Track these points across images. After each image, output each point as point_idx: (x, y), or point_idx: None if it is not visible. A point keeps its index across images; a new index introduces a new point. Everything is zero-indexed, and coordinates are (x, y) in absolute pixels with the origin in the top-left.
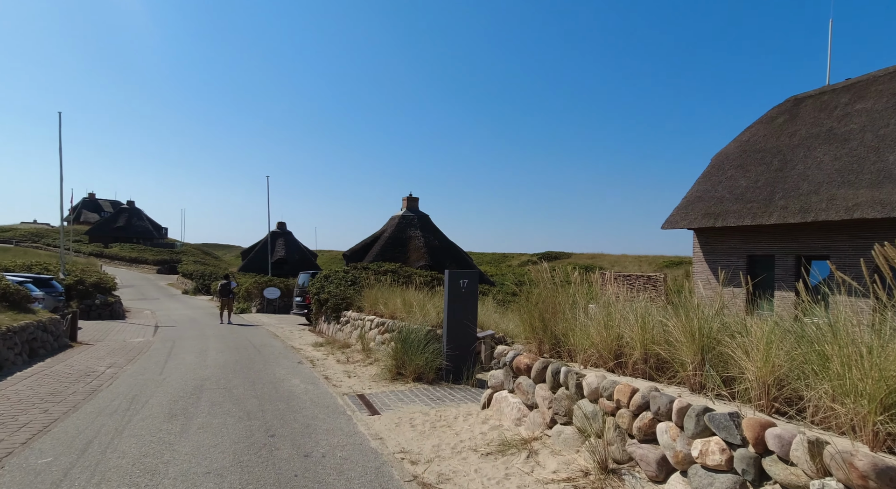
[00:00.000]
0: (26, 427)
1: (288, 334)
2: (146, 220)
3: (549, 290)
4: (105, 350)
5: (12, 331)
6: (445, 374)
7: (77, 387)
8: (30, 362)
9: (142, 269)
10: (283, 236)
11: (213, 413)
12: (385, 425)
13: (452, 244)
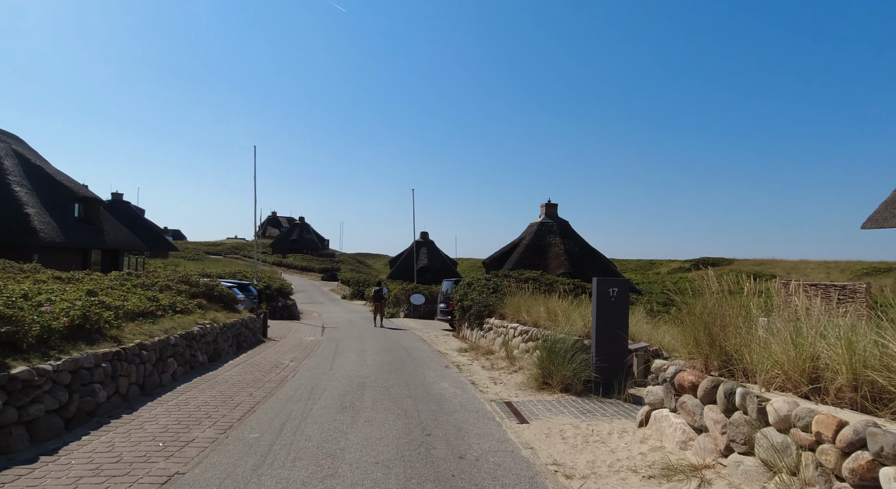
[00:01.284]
0: (239, 406)
1: (433, 339)
2: (313, 234)
3: (717, 301)
4: (287, 346)
5: (227, 327)
6: (595, 387)
7: (270, 376)
8: (237, 353)
9: (310, 276)
10: (425, 245)
11: (375, 408)
12: (535, 435)
13: (594, 251)
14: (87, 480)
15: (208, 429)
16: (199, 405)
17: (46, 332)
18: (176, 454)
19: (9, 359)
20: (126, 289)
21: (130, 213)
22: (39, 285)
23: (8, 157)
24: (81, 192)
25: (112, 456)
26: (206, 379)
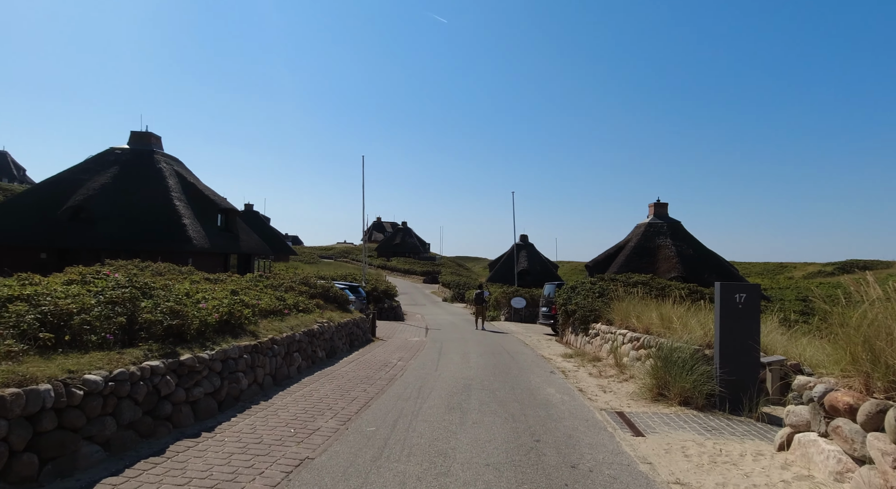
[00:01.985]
0: (355, 400)
1: (536, 343)
2: (415, 238)
3: (883, 310)
4: (394, 346)
5: (341, 326)
6: (720, 402)
7: (381, 373)
8: (350, 350)
9: (411, 279)
10: (525, 248)
11: (482, 411)
12: (652, 449)
13: (711, 253)
14: (237, 456)
15: (330, 419)
16: (321, 397)
17: (203, 326)
18: (305, 440)
19: (178, 348)
20: (259, 289)
21: (259, 221)
22: (195, 285)
23: (171, 176)
24: (223, 204)
25: (255, 437)
26: (325, 373)
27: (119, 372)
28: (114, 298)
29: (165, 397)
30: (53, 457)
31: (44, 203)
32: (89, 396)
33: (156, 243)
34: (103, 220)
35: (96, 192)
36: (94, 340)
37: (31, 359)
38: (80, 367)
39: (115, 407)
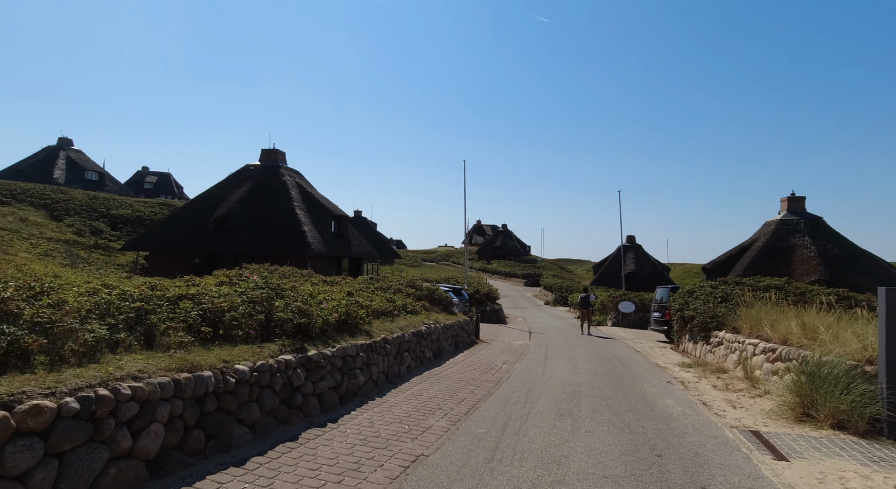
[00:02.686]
0: (464, 402)
1: (648, 350)
2: (515, 240)
3: None
4: (498, 349)
5: (446, 328)
6: (888, 429)
7: (486, 376)
8: (455, 352)
9: (512, 282)
10: (633, 250)
11: (595, 419)
12: (801, 477)
13: (865, 253)
14: (358, 448)
15: (441, 419)
16: (430, 397)
17: (325, 325)
18: (419, 437)
19: (305, 345)
20: (371, 291)
21: (367, 226)
22: (316, 287)
23: (293, 188)
24: (336, 212)
25: (373, 431)
26: (433, 374)
27: (261, 363)
28: (254, 298)
29: (297, 389)
30: (215, 434)
31: (196, 215)
32: (239, 384)
33: (281, 248)
34: (240, 229)
35: (235, 204)
36: (241, 335)
37: (195, 349)
38: (231, 358)
39: (259, 395)
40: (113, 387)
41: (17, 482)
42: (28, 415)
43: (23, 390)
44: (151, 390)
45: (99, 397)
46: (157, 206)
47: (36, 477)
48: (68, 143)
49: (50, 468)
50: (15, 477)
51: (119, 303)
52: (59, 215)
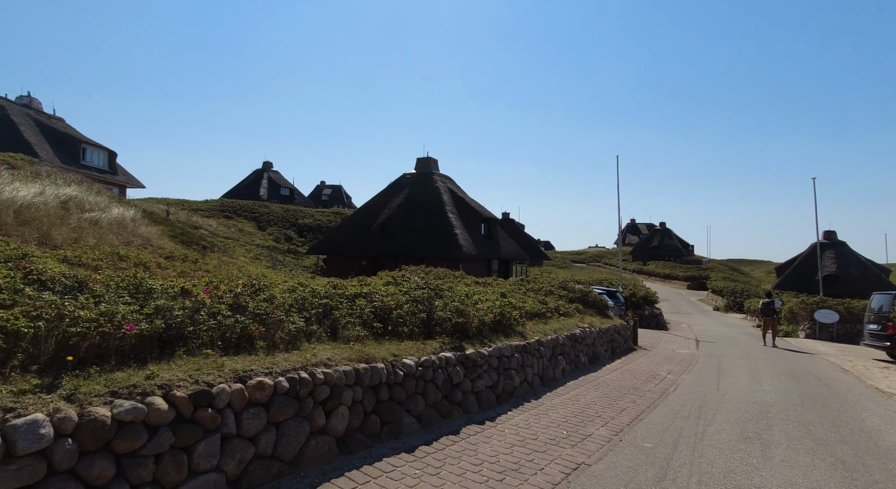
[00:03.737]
0: (625, 411)
1: (863, 371)
2: (675, 239)
3: None
4: (660, 357)
5: (602, 332)
6: None
7: (649, 386)
8: (612, 358)
9: (673, 285)
10: (832, 248)
11: (792, 448)
12: None
13: None
14: (517, 448)
15: (601, 427)
16: (587, 403)
17: (481, 325)
18: (578, 445)
19: (463, 343)
20: (522, 292)
21: (514, 228)
22: (469, 288)
23: (445, 193)
24: (485, 214)
25: (530, 433)
26: (589, 379)
27: (425, 359)
28: (416, 297)
29: (456, 385)
30: (388, 421)
31: (362, 222)
32: (407, 377)
33: (435, 250)
34: (399, 233)
35: (394, 210)
36: (406, 331)
37: (370, 342)
38: (399, 352)
39: (424, 388)
40: (310, 372)
41: (250, 442)
42: (255, 388)
43: (251, 368)
44: (338, 377)
45: (301, 379)
46: (332, 215)
47: (262, 440)
48: (269, 165)
49: (271, 434)
50: (248, 438)
51: (311, 299)
52: (263, 225)
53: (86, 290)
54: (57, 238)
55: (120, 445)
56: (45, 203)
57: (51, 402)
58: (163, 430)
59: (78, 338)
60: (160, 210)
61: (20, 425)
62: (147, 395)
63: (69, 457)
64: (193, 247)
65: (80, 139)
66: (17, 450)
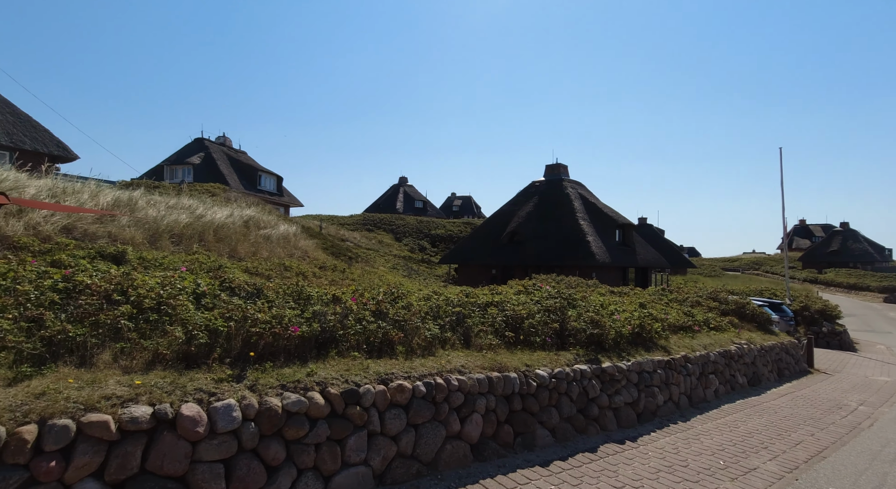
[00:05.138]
0: (800, 445)
1: None
2: (863, 242)
3: None
4: (846, 383)
5: (764, 350)
6: None
7: (832, 417)
8: (779, 381)
9: (860, 297)
10: None
11: None
12: None
13: None
14: (664, 475)
15: (769, 461)
16: (749, 431)
17: (618, 337)
18: (740, 479)
19: (598, 356)
20: (664, 303)
21: (653, 234)
22: (603, 297)
23: (576, 199)
24: (620, 220)
25: (679, 458)
26: (749, 404)
27: (558, 371)
28: (548, 307)
29: (592, 400)
30: (521, 432)
31: (492, 231)
32: (540, 388)
33: (566, 259)
34: (529, 241)
35: (523, 219)
36: (538, 341)
37: (501, 351)
38: (531, 363)
39: (557, 401)
40: (445, 378)
41: (392, 441)
42: (396, 391)
43: (392, 371)
44: (472, 384)
45: (437, 385)
46: (462, 225)
47: (403, 440)
48: (404, 180)
49: (410, 435)
50: (391, 437)
51: (445, 307)
52: (399, 237)
53: (262, 296)
54: (241, 251)
55: (288, 432)
56: (233, 223)
57: (239, 391)
58: (321, 423)
59: (257, 337)
60: (314, 225)
61: (220, 408)
62: (308, 390)
63: (252, 438)
64: (341, 258)
65: (256, 168)
66: (217, 428)
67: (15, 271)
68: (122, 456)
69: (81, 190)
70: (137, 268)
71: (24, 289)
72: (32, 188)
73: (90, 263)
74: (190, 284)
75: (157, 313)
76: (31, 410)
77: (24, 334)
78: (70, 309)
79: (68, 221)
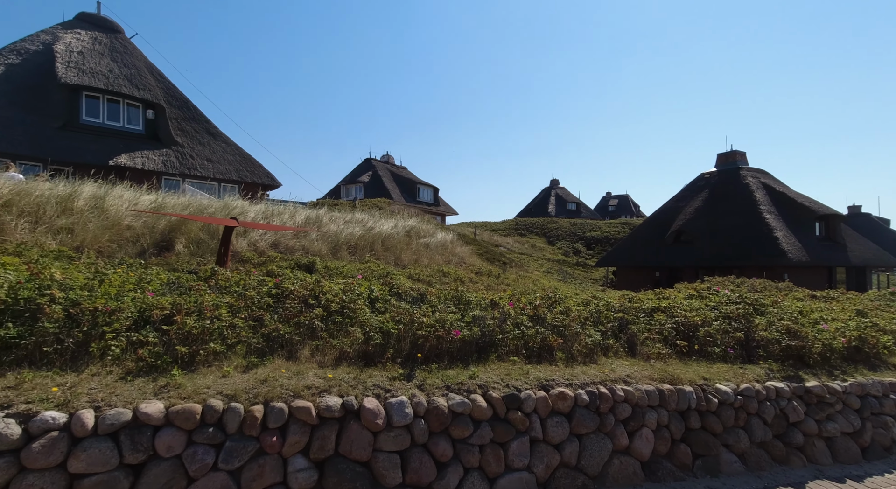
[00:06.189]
0: None
1: None
2: None
3: None
4: None
5: None
6: None
7: None
8: None
9: None
10: None
11: None
12: None
13: None
14: None
15: None
16: None
17: (827, 351)
18: None
19: (800, 373)
20: (894, 311)
21: (872, 225)
22: (802, 303)
23: (758, 189)
24: (821, 210)
25: None
26: None
27: (745, 387)
28: (728, 313)
29: (794, 424)
30: (701, 454)
31: (654, 231)
32: (723, 405)
33: (746, 258)
34: (699, 240)
35: (691, 216)
36: (717, 352)
37: (672, 361)
38: (710, 376)
39: (746, 422)
40: (609, 387)
41: (555, 449)
42: (558, 398)
43: (552, 378)
44: (640, 396)
45: (601, 394)
46: (619, 226)
47: (566, 449)
48: (556, 183)
49: (574, 445)
50: (553, 445)
51: (606, 312)
52: (552, 240)
53: (425, 301)
54: (404, 259)
55: (454, 432)
56: (397, 233)
57: (409, 389)
58: (483, 425)
59: (423, 340)
60: (469, 232)
61: (395, 403)
62: (471, 393)
63: (422, 434)
64: (495, 264)
65: (415, 181)
66: (393, 422)
67: (244, 280)
68: (321, 438)
69: (283, 211)
70: (324, 277)
71: (250, 295)
72: (252, 212)
73: (291, 272)
74: (365, 290)
75: (341, 316)
76: (258, 394)
77: (251, 331)
78: (280, 311)
79: (275, 238)
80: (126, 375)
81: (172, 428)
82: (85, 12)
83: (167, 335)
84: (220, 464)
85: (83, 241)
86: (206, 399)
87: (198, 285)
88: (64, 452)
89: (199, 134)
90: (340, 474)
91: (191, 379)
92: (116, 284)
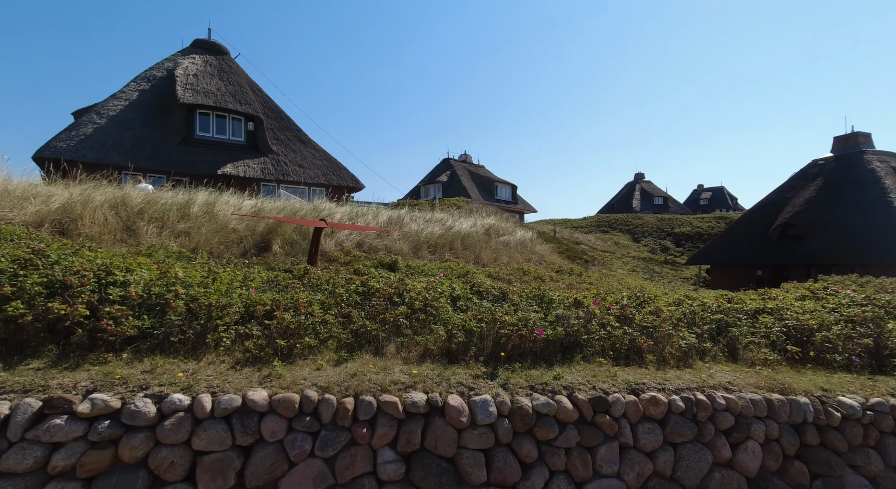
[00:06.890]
0: None
1: None
2: None
3: None
4: None
5: None
6: None
7: None
8: None
9: None
10: None
11: None
12: None
13: None
14: None
15: None
16: None
17: None
18: None
19: None
20: None
21: None
22: None
23: (888, 176)
24: None
25: None
26: None
27: (876, 401)
28: (853, 317)
29: None
30: (820, 474)
31: (755, 225)
32: (847, 420)
33: (871, 255)
34: (811, 235)
35: (801, 207)
36: (839, 360)
37: (782, 369)
38: (831, 387)
39: (878, 441)
40: (708, 394)
41: (647, 457)
42: (649, 403)
43: (642, 381)
44: (744, 405)
45: (698, 401)
46: (713, 221)
47: (660, 458)
48: (640, 176)
49: (668, 454)
50: (645, 452)
51: (701, 313)
52: (637, 237)
53: (507, 300)
54: (484, 258)
55: (539, 433)
56: (476, 232)
57: (493, 388)
58: (569, 427)
59: (505, 339)
60: (548, 230)
61: (478, 402)
62: (556, 394)
63: (507, 433)
64: (576, 262)
65: (493, 179)
66: (477, 420)
67: (334, 278)
68: (408, 433)
69: (367, 212)
70: (406, 275)
71: (339, 293)
72: (338, 214)
73: (375, 271)
74: (447, 289)
75: (425, 313)
76: (349, 387)
77: (340, 327)
78: (367, 308)
79: (359, 238)
80: (235, 364)
81: (275, 415)
82: (199, 38)
83: (268, 329)
84: (316, 451)
85: (198, 243)
86: (303, 389)
87: (293, 283)
88: (189, 431)
89: (291, 142)
90: (426, 468)
91: (289, 370)
92: (226, 282)
